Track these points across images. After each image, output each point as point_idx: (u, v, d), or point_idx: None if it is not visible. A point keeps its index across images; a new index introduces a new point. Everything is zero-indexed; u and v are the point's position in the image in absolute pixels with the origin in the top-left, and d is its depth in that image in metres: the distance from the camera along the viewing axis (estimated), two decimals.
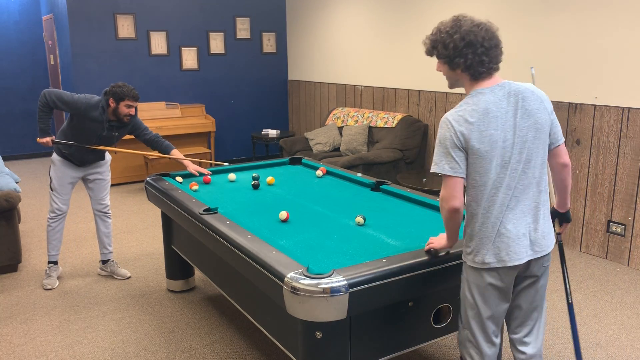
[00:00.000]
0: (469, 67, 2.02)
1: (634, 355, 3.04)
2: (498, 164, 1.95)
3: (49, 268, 4.03)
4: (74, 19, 6.75)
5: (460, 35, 2.00)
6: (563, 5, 4.44)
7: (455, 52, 2.01)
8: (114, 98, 3.61)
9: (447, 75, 2.13)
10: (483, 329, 2.10)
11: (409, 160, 5.77)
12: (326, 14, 7.30)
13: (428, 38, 2.10)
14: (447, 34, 2.03)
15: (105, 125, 3.68)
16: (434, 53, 2.10)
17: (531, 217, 2.02)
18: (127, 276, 4.09)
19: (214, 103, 7.85)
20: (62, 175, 3.86)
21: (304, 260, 2.21)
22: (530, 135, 1.98)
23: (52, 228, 3.95)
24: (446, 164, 1.97)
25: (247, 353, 3.07)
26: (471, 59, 2.00)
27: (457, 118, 1.97)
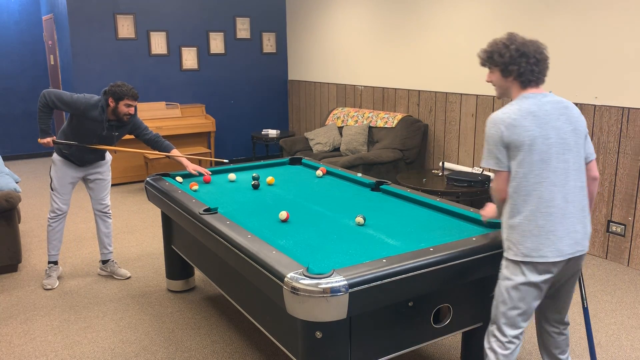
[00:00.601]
0: (520, 74, 2.22)
1: (634, 355, 3.04)
2: (538, 159, 2.13)
3: (49, 268, 4.02)
4: (74, 19, 6.75)
5: (515, 47, 2.21)
6: (563, 5, 4.44)
7: (510, 60, 2.21)
8: (113, 97, 3.61)
9: (498, 83, 2.30)
10: (512, 324, 2.24)
11: (409, 160, 5.77)
12: (326, 14, 7.30)
13: (484, 50, 2.31)
14: (504, 45, 2.24)
15: (105, 125, 3.68)
16: (489, 62, 2.30)
17: (576, 217, 2.18)
18: (127, 276, 4.09)
19: (214, 103, 7.85)
20: (62, 175, 3.86)
21: (304, 260, 2.21)
22: (571, 139, 2.18)
23: (53, 228, 3.95)
24: (491, 160, 2.20)
25: (247, 353, 3.07)
26: (524, 67, 2.20)
27: (503, 117, 2.17)
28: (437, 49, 5.67)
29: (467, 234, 2.51)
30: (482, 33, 5.14)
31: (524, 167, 2.14)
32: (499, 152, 2.18)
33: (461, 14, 5.35)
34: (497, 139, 2.17)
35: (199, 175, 3.77)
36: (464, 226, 2.69)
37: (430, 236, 2.54)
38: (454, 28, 5.44)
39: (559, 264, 2.17)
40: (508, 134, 2.14)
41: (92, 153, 3.83)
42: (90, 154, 3.83)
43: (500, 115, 2.18)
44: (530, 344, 3.14)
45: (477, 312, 2.58)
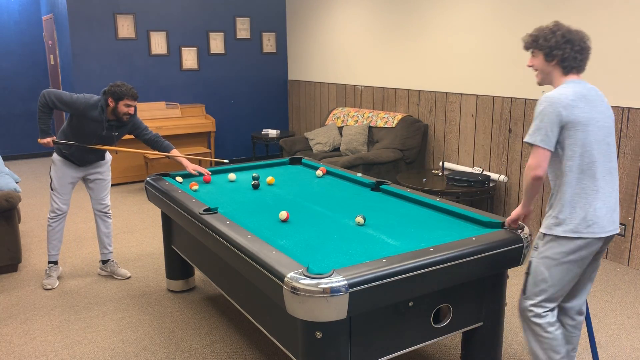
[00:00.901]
0: (564, 59, 2.33)
1: (634, 355, 3.04)
2: (593, 140, 2.27)
3: (49, 268, 4.02)
4: (74, 19, 6.75)
5: (561, 33, 2.32)
6: (563, 5, 4.44)
7: (555, 45, 2.31)
8: (113, 97, 3.62)
9: (541, 67, 2.40)
10: (551, 299, 2.38)
11: (409, 160, 5.77)
12: (326, 14, 7.30)
13: (529, 34, 2.41)
14: (550, 30, 2.34)
15: (105, 125, 3.68)
16: (534, 46, 2.39)
17: (614, 198, 2.33)
18: (127, 276, 4.09)
19: (214, 103, 7.85)
20: (62, 175, 3.86)
21: (304, 260, 2.21)
22: (611, 124, 2.35)
23: (52, 228, 3.95)
24: (539, 136, 2.25)
25: (247, 353, 3.07)
26: (568, 53, 2.31)
27: (560, 97, 2.25)
28: (437, 49, 5.67)
29: (467, 234, 2.51)
30: (482, 33, 5.15)
31: (579, 147, 2.25)
32: (550, 131, 2.24)
33: (461, 14, 5.35)
34: (554, 118, 2.24)
35: (199, 175, 3.78)
36: (464, 226, 2.69)
37: (430, 236, 2.54)
38: (454, 28, 5.44)
39: (600, 240, 2.30)
40: (566, 113, 2.23)
41: (92, 153, 3.83)
42: (90, 154, 3.83)
43: (557, 96, 2.25)
44: None
45: (477, 312, 2.58)
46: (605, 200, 2.28)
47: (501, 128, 5.09)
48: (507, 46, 4.94)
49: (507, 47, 4.94)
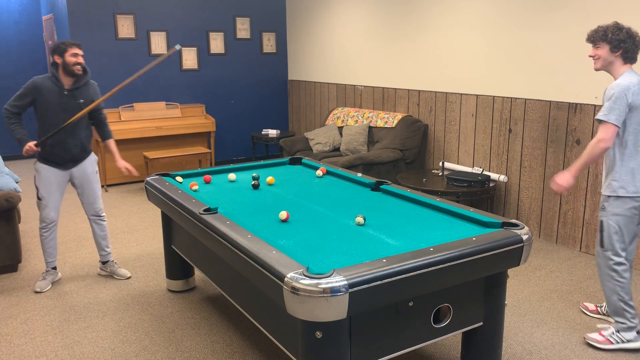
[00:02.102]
0: (626, 51, 2.90)
1: (634, 355, 3.03)
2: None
3: (46, 272, 4.00)
4: (74, 19, 6.75)
5: (626, 30, 2.90)
6: (563, 5, 4.44)
7: (623, 38, 2.88)
8: (58, 53, 3.56)
9: (605, 56, 2.94)
10: (623, 247, 2.99)
11: (409, 160, 5.77)
12: (326, 14, 7.31)
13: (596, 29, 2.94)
14: (616, 27, 2.90)
15: (64, 92, 3.61)
16: (602, 38, 2.91)
17: None
18: (127, 276, 4.08)
19: (214, 103, 7.85)
20: (48, 182, 3.76)
21: (304, 260, 2.21)
22: None
23: (45, 237, 3.90)
24: (612, 116, 2.83)
25: (247, 353, 3.07)
26: (630, 45, 2.90)
27: (629, 85, 2.85)
28: (437, 49, 5.67)
29: (467, 234, 2.51)
30: (482, 33, 5.15)
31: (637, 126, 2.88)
32: (621, 111, 2.82)
33: (461, 14, 5.35)
34: (625, 101, 2.83)
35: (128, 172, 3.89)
36: (464, 226, 2.69)
37: (430, 236, 2.54)
38: (454, 28, 5.44)
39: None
40: (634, 98, 2.83)
41: (74, 145, 3.72)
42: (73, 146, 3.72)
43: (627, 84, 2.84)
44: (531, 344, 3.14)
45: (477, 312, 2.58)
46: None
47: (501, 128, 5.09)
48: (508, 46, 4.94)
49: (508, 47, 4.94)
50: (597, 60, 2.97)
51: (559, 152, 4.62)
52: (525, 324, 3.37)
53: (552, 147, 4.67)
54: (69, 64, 3.58)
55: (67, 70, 3.60)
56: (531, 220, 4.92)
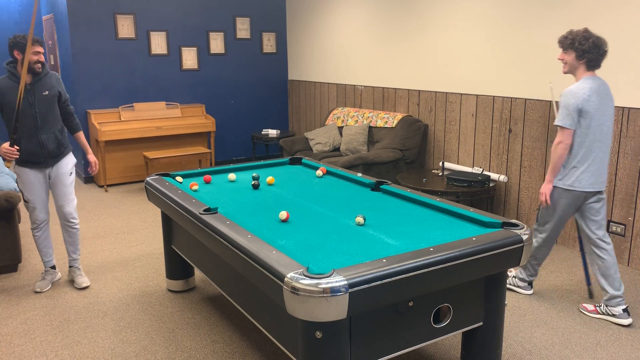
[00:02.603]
0: (589, 60, 3.21)
1: (634, 355, 3.04)
2: (596, 124, 3.22)
3: (45, 271, 3.99)
4: (74, 19, 6.75)
5: (593, 39, 3.19)
6: (563, 6, 4.44)
7: (588, 48, 3.17)
8: (19, 49, 3.46)
9: (571, 63, 3.27)
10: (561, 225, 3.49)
11: (409, 160, 5.77)
12: (326, 14, 7.30)
13: (566, 37, 3.25)
14: (584, 37, 3.19)
15: (26, 87, 3.50)
16: (570, 46, 3.22)
17: (605, 165, 3.32)
18: (84, 286, 3.89)
19: (214, 103, 7.85)
20: (29, 184, 3.70)
21: (304, 260, 2.21)
22: (609, 112, 3.27)
23: (38, 237, 3.86)
24: (567, 121, 3.20)
25: (247, 353, 3.07)
26: (594, 55, 3.20)
27: (579, 92, 3.18)
28: (437, 49, 5.67)
29: (467, 234, 2.51)
30: (482, 33, 5.14)
31: (587, 129, 3.21)
32: (574, 116, 3.18)
33: (461, 14, 5.35)
34: (575, 107, 3.17)
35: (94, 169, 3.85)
36: (464, 226, 2.69)
37: (430, 236, 2.54)
38: (454, 28, 5.44)
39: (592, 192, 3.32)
40: (583, 105, 3.16)
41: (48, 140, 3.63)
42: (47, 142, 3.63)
43: (577, 91, 3.18)
44: (530, 344, 3.14)
45: (477, 312, 2.58)
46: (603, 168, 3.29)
47: (501, 128, 5.09)
48: (508, 46, 4.94)
49: (508, 47, 4.94)
50: (564, 64, 3.31)
51: None
52: (525, 324, 3.37)
53: None
54: (29, 61, 3.48)
55: (28, 67, 3.49)
56: (531, 220, 4.92)
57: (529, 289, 3.78)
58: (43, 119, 3.63)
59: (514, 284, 3.80)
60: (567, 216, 3.42)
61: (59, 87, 3.74)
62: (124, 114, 6.96)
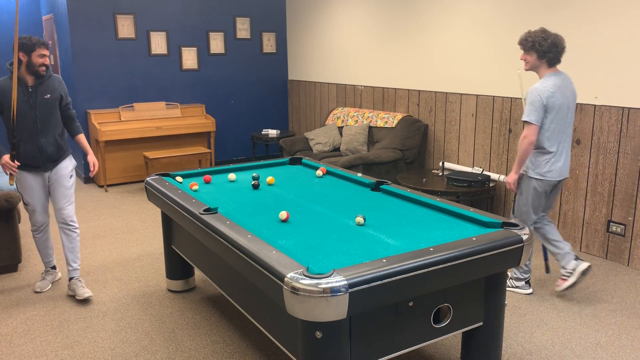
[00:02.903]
0: (550, 59, 3.43)
1: (634, 355, 3.04)
2: (561, 117, 3.44)
3: (45, 271, 3.99)
4: (74, 19, 6.75)
5: (551, 39, 3.39)
6: (563, 4, 4.44)
7: (547, 48, 3.38)
8: (24, 51, 3.38)
9: (532, 62, 3.47)
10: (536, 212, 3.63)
11: (409, 160, 5.77)
12: (326, 14, 7.31)
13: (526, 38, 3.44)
14: (543, 38, 3.39)
15: (28, 90, 3.44)
16: (531, 47, 3.42)
17: (569, 155, 3.56)
18: (86, 296, 3.69)
19: (214, 103, 7.85)
20: (29, 188, 3.64)
21: (304, 260, 2.21)
22: (572, 105, 3.50)
23: (38, 239, 3.85)
24: (533, 117, 3.38)
25: (247, 353, 3.07)
26: (554, 54, 3.41)
27: (544, 89, 3.38)
28: (437, 49, 5.67)
29: (467, 234, 2.51)
30: (482, 33, 5.14)
31: (553, 123, 3.42)
32: (539, 112, 3.37)
33: (461, 14, 5.35)
34: (541, 104, 3.37)
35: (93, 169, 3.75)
36: (464, 226, 2.69)
37: (430, 236, 2.54)
38: (454, 28, 5.44)
39: (561, 181, 3.58)
40: (548, 100, 3.37)
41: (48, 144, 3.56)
42: (46, 145, 3.56)
43: (542, 88, 3.39)
44: (531, 344, 3.14)
45: (477, 312, 2.58)
46: (567, 159, 3.53)
47: (501, 128, 5.09)
48: (507, 46, 4.94)
49: (507, 47, 4.94)
50: (526, 64, 3.51)
51: None
52: (525, 324, 3.38)
53: None
54: (35, 64, 3.43)
55: (30, 70, 3.44)
56: None
57: (528, 288, 3.79)
58: (43, 122, 3.55)
59: (512, 285, 3.83)
60: (540, 204, 3.59)
61: (61, 91, 3.66)
62: (124, 114, 6.96)
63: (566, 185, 4.60)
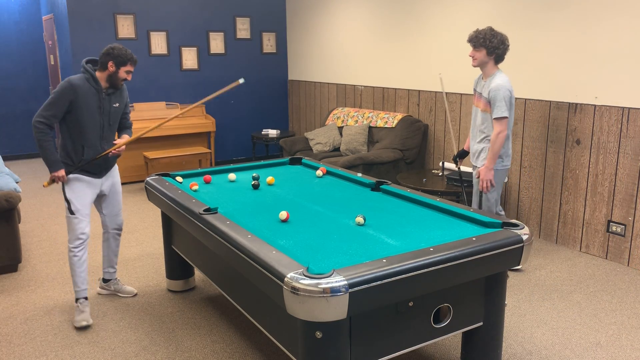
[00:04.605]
0: (498, 55, 3.76)
1: (634, 355, 3.04)
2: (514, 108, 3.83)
3: (81, 304, 3.42)
4: (74, 19, 6.75)
5: (500, 37, 3.71)
6: (563, 5, 4.44)
7: (497, 44, 3.69)
8: (116, 62, 3.28)
9: (481, 58, 3.77)
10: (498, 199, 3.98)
11: (409, 160, 5.77)
12: (326, 14, 7.31)
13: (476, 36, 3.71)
14: (492, 34, 3.69)
15: (102, 96, 3.30)
16: (481, 44, 3.71)
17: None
18: (134, 293, 3.78)
19: (214, 103, 7.85)
20: (82, 194, 3.37)
21: (304, 260, 2.21)
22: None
23: (79, 258, 3.37)
24: (506, 112, 3.69)
25: (247, 353, 3.07)
26: (501, 51, 3.75)
27: (507, 85, 3.71)
28: (437, 49, 5.67)
29: (467, 234, 2.51)
30: None
31: (512, 115, 3.77)
32: (508, 106, 3.68)
33: (461, 13, 5.35)
34: (509, 98, 3.69)
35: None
36: (464, 226, 2.69)
37: (430, 236, 2.54)
38: (454, 28, 5.44)
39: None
40: (511, 94, 3.73)
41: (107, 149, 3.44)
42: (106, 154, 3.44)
43: (506, 84, 3.70)
44: (531, 344, 3.14)
45: (477, 312, 2.58)
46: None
47: None
48: None
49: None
50: (474, 60, 3.76)
51: (559, 152, 4.62)
52: (525, 324, 3.38)
53: (552, 147, 4.67)
54: (119, 78, 3.32)
55: (111, 80, 3.32)
56: (531, 220, 4.92)
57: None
58: (108, 131, 3.43)
59: None
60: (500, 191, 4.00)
61: (127, 100, 3.56)
62: None
63: (566, 185, 4.60)
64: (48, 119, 3.19)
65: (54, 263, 4.37)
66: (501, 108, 3.66)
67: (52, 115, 3.20)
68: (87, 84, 3.27)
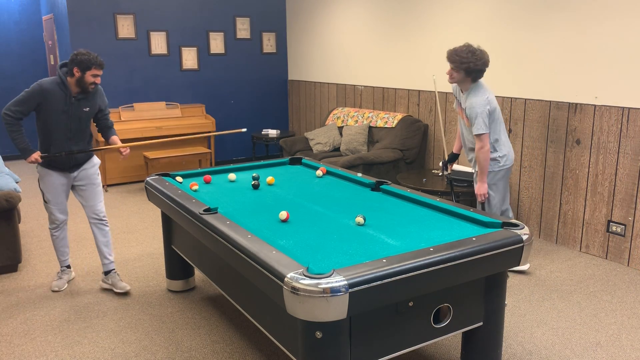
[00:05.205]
0: (475, 76, 3.75)
1: (634, 355, 3.04)
2: (498, 113, 3.83)
3: (62, 271, 4.00)
4: (74, 19, 6.75)
5: (482, 61, 3.69)
6: (563, 4, 4.44)
7: (476, 68, 3.69)
8: (80, 67, 3.43)
9: (459, 78, 3.76)
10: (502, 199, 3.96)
11: (409, 160, 5.77)
12: (326, 14, 7.30)
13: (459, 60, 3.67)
14: (476, 59, 3.66)
15: (71, 100, 3.50)
16: (459, 66, 3.69)
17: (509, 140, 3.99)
18: (126, 289, 3.81)
19: (214, 103, 7.85)
20: (52, 186, 3.70)
21: (304, 260, 2.21)
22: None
23: (56, 237, 3.88)
24: (483, 127, 3.71)
25: (247, 353, 3.07)
26: (478, 73, 3.74)
27: (486, 101, 3.71)
28: (438, 49, 5.67)
29: (467, 234, 2.51)
30: (482, 33, 5.14)
31: (494, 123, 3.80)
32: (486, 121, 3.72)
33: (461, 13, 5.35)
34: (486, 113, 3.71)
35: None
36: (464, 226, 2.69)
37: (430, 236, 2.54)
38: (454, 28, 5.44)
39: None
40: (489, 107, 3.73)
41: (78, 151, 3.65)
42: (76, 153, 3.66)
43: (481, 100, 3.71)
44: (531, 344, 3.14)
45: (477, 312, 2.58)
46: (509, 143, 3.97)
47: None
48: (508, 46, 4.94)
49: (508, 47, 4.94)
50: (451, 78, 3.78)
51: (559, 152, 4.62)
52: (525, 324, 3.38)
53: (552, 147, 4.67)
54: (86, 82, 3.49)
55: (80, 85, 3.51)
56: (531, 220, 4.92)
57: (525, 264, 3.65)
58: (76, 132, 3.63)
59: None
60: (506, 189, 3.96)
61: (101, 103, 3.74)
62: (124, 114, 6.96)
63: (566, 185, 4.60)
64: (15, 113, 3.49)
65: (54, 263, 4.37)
66: (479, 124, 3.69)
67: (20, 112, 3.50)
68: (57, 88, 3.50)
